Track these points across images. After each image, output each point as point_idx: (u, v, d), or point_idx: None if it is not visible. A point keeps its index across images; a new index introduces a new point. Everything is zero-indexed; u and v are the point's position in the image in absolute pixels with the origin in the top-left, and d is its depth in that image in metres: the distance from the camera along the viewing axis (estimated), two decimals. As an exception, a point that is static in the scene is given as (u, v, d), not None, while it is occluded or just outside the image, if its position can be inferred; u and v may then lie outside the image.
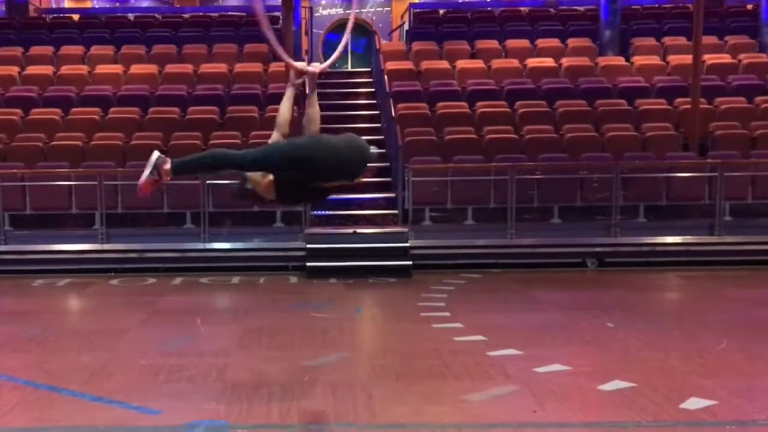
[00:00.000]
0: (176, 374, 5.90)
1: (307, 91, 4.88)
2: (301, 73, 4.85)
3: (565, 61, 14.19)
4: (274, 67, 13.90)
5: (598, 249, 10.76)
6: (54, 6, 20.75)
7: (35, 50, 14.99)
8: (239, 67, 14.28)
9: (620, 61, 14.38)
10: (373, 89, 14.69)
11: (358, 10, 21.94)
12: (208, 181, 10.66)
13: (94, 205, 10.78)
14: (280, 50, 4.67)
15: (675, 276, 10.24)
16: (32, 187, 10.91)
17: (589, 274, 10.49)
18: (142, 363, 6.25)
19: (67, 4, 22.99)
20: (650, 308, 8.45)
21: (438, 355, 6.36)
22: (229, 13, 18.41)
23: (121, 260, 10.71)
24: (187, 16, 17.78)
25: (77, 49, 15.07)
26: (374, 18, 23.42)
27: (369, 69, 16.00)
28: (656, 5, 18.44)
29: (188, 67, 14.26)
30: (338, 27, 23.83)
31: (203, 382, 5.71)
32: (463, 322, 7.48)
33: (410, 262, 10.31)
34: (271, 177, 4.77)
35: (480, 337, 6.88)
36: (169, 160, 4.58)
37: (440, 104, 12.82)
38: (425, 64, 14.31)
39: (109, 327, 7.55)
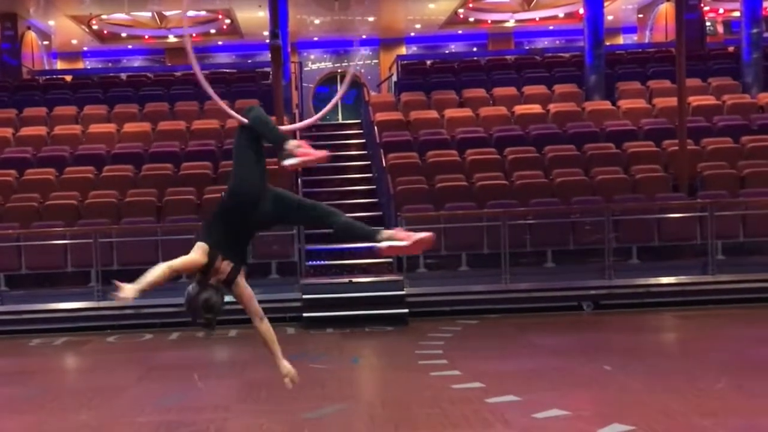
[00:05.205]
0: (175, 431, 5.88)
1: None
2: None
3: (553, 107, 14.37)
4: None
5: (593, 292, 10.78)
6: (47, 68, 21.00)
7: (29, 111, 15.13)
8: (231, 123, 14.44)
9: (607, 105, 14.56)
10: (364, 140, 14.85)
11: (351, 63, 22.31)
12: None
13: (89, 262, 10.78)
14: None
15: (671, 317, 10.26)
16: (27, 246, 10.93)
17: (586, 317, 10.51)
18: (141, 420, 6.22)
19: (59, 66, 23.30)
20: (648, 350, 8.45)
21: (437, 403, 6.35)
22: (221, 70, 18.68)
23: (118, 317, 10.66)
24: (178, 74, 18.02)
25: (70, 110, 15.24)
26: (363, 70, 23.78)
27: (359, 120, 16.18)
28: (639, 50, 18.83)
29: (181, 124, 14.41)
30: (328, 80, 24.21)
31: (202, 438, 5.70)
32: (461, 369, 7.47)
33: (406, 310, 10.30)
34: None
35: (478, 384, 6.87)
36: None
37: (430, 153, 12.95)
38: (414, 114, 14.48)
39: (106, 385, 7.52)
